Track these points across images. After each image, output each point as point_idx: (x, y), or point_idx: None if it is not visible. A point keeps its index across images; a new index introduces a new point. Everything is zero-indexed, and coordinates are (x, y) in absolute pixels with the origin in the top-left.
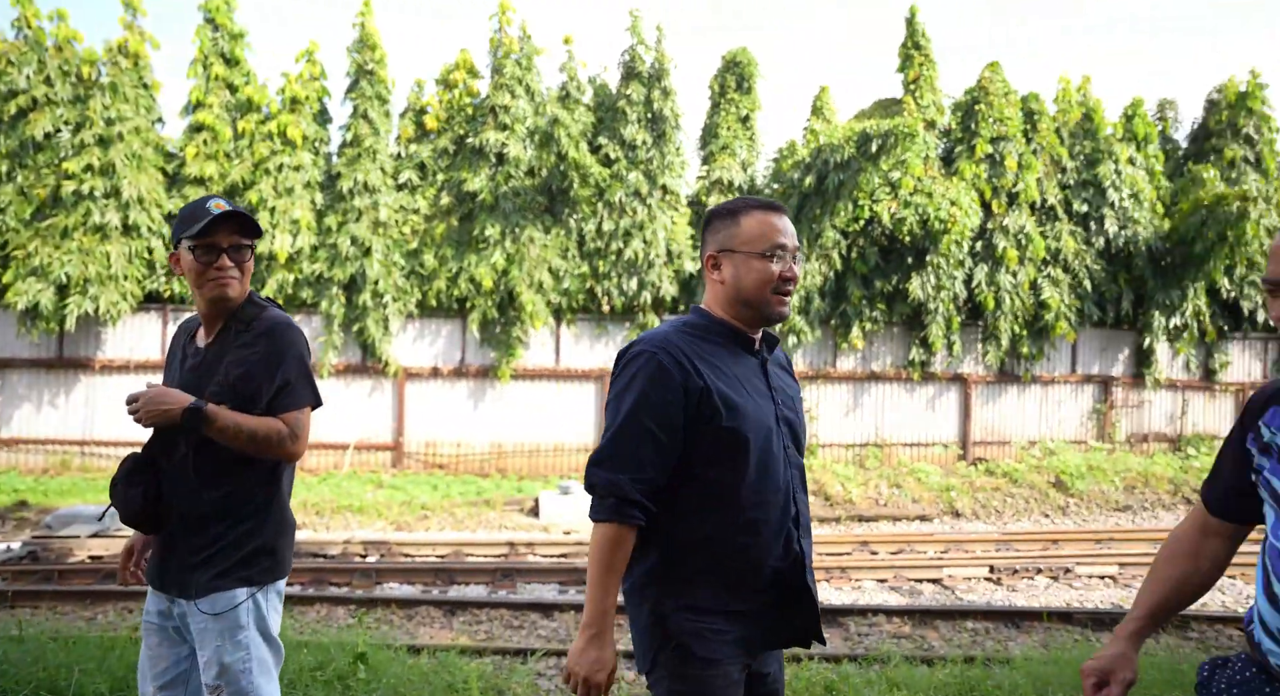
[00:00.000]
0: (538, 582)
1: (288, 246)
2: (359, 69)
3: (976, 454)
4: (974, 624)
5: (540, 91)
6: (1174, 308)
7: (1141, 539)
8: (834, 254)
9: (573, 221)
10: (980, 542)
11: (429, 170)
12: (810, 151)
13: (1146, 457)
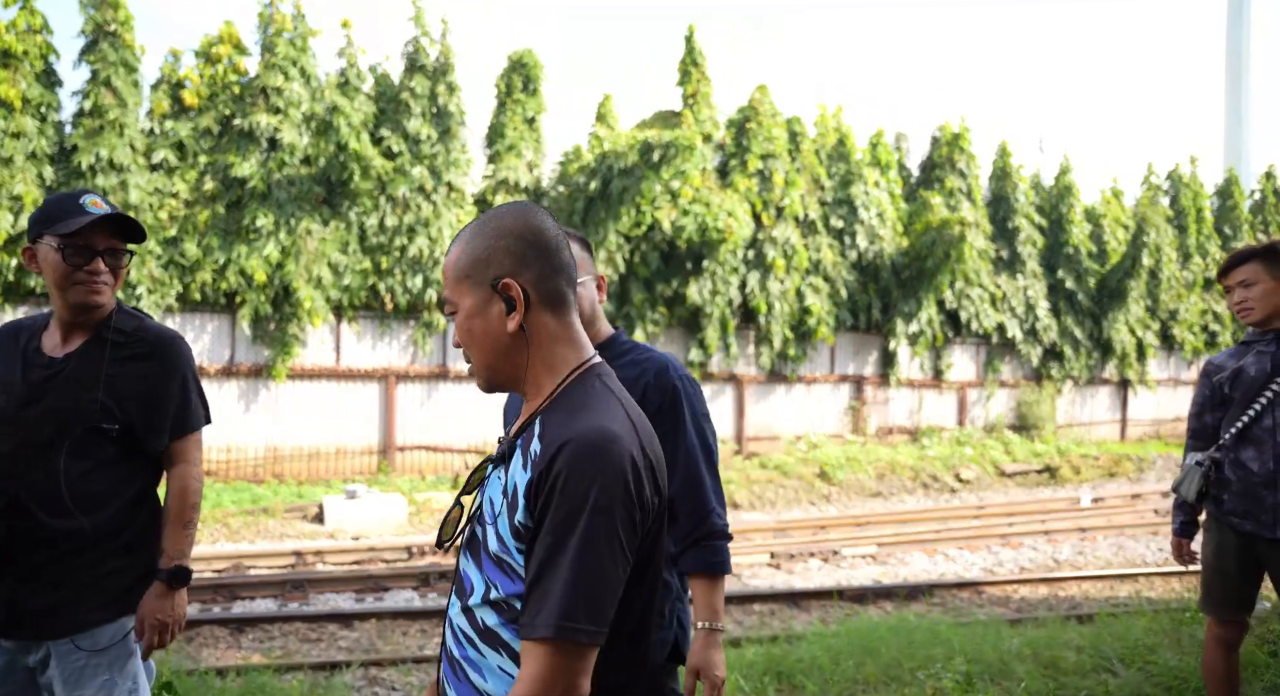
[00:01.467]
0: (331, 592)
1: (8, 226)
2: (97, 28)
3: (750, 449)
4: (760, 606)
5: (317, 76)
6: (912, 315)
7: (893, 521)
8: (618, 257)
9: (353, 215)
10: (760, 531)
11: (189, 151)
12: (595, 157)
13: (892, 448)
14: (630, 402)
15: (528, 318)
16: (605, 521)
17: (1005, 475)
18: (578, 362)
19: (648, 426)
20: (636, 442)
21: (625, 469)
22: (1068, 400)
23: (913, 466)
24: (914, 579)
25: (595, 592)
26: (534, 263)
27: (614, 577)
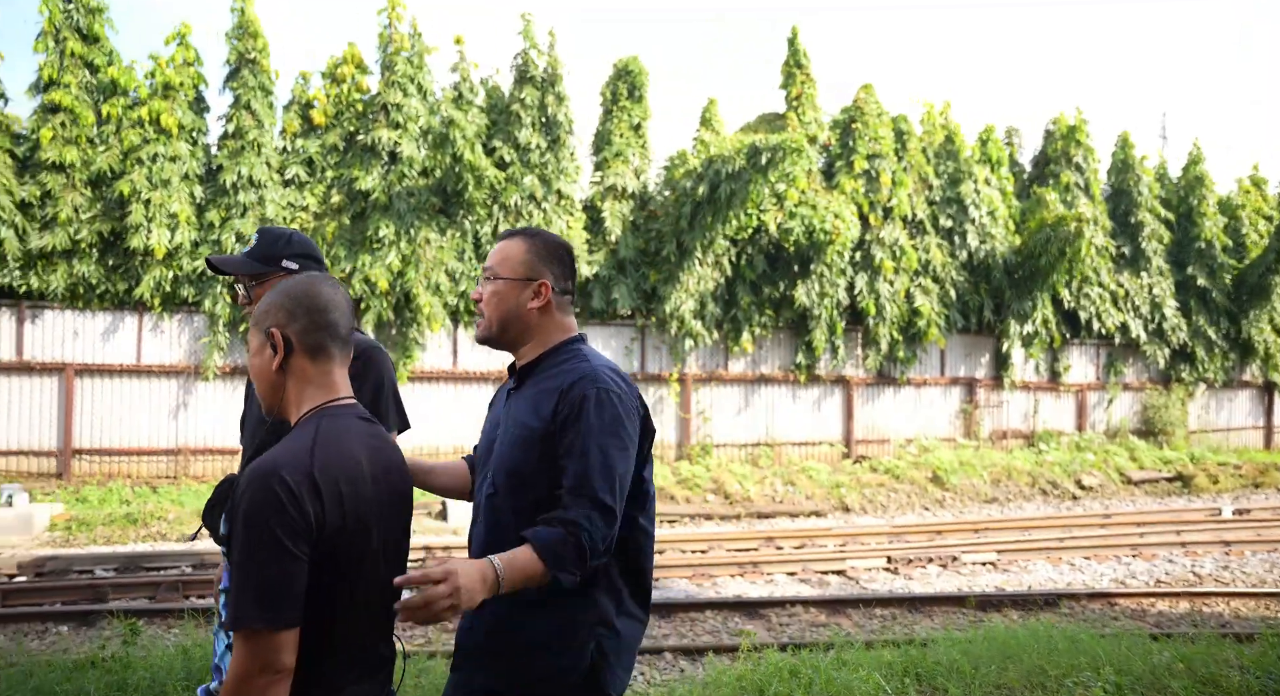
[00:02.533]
0: None
1: (165, 242)
2: (240, 57)
3: (859, 452)
4: (881, 611)
5: (433, 91)
6: (1026, 316)
7: (1013, 527)
8: (724, 261)
9: (468, 223)
10: (874, 536)
11: (317, 166)
12: (701, 161)
13: (1007, 453)
14: (337, 436)
15: (289, 360)
16: (257, 533)
17: (1132, 483)
18: (318, 403)
19: (348, 454)
20: (303, 468)
21: (274, 490)
22: (1201, 404)
23: (1030, 472)
24: (1039, 587)
25: (261, 589)
26: (300, 315)
27: (276, 573)
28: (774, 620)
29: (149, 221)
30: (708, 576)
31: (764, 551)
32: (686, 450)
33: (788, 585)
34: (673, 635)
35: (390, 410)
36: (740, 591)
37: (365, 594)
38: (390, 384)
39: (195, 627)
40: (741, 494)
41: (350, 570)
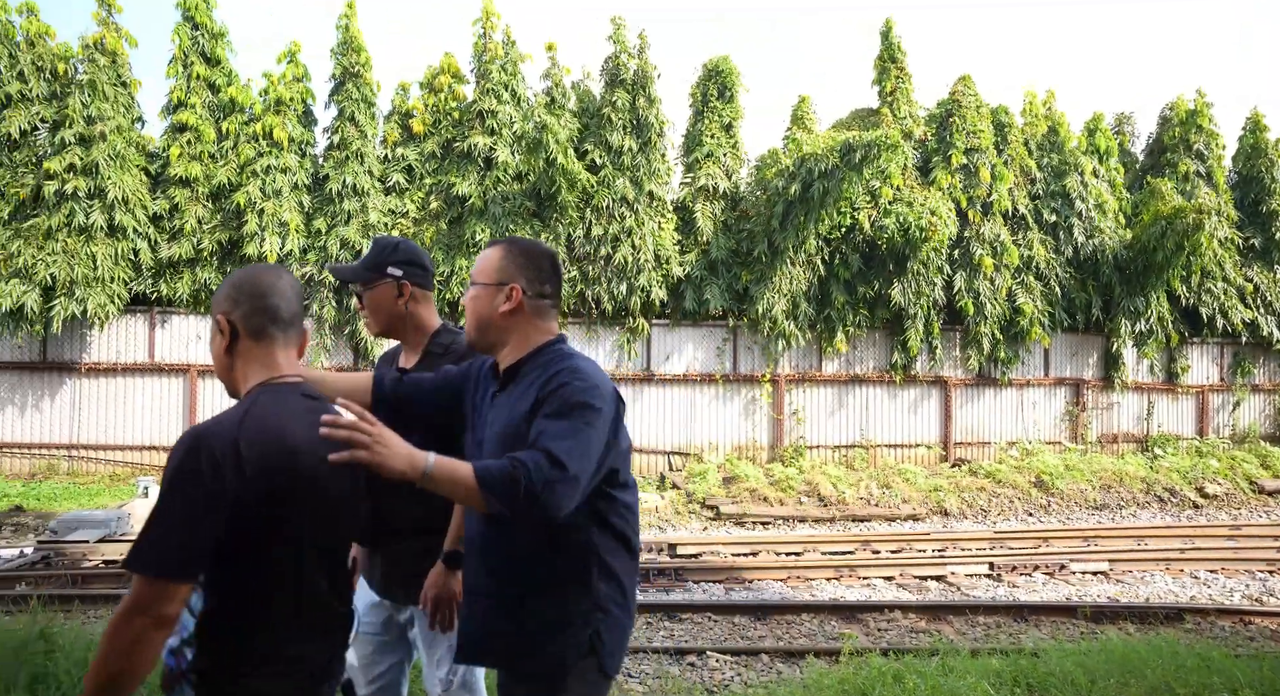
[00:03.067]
0: None
1: (276, 249)
2: (344, 71)
3: (958, 455)
4: (984, 618)
5: (526, 97)
6: (1139, 314)
7: (1126, 536)
8: (817, 260)
9: (561, 226)
10: (975, 541)
11: (416, 173)
12: (793, 160)
13: (1118, 457)
14: (271, 408)
15: (234, 343)
16: (173, 493)
17: (1265, 492)
18: (260, 380)
19: (276, 425)
20: (230, 439)
21: (194, 458)
22: None
23: (1144, 478)
24: (1158, 600)
25: (164, 543)
26: (243, 302)
27: (181, 528)
28: (872, 625)
29: (262, 230)
30: (803, 579)
31: (860, 555)
32: (779, 452)
33: (885, 590)
34: (768, 637)
35: None
36: (836, 595)
37: (312, 556)
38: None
39: None
40: (836, 496)
41: (291, 533)
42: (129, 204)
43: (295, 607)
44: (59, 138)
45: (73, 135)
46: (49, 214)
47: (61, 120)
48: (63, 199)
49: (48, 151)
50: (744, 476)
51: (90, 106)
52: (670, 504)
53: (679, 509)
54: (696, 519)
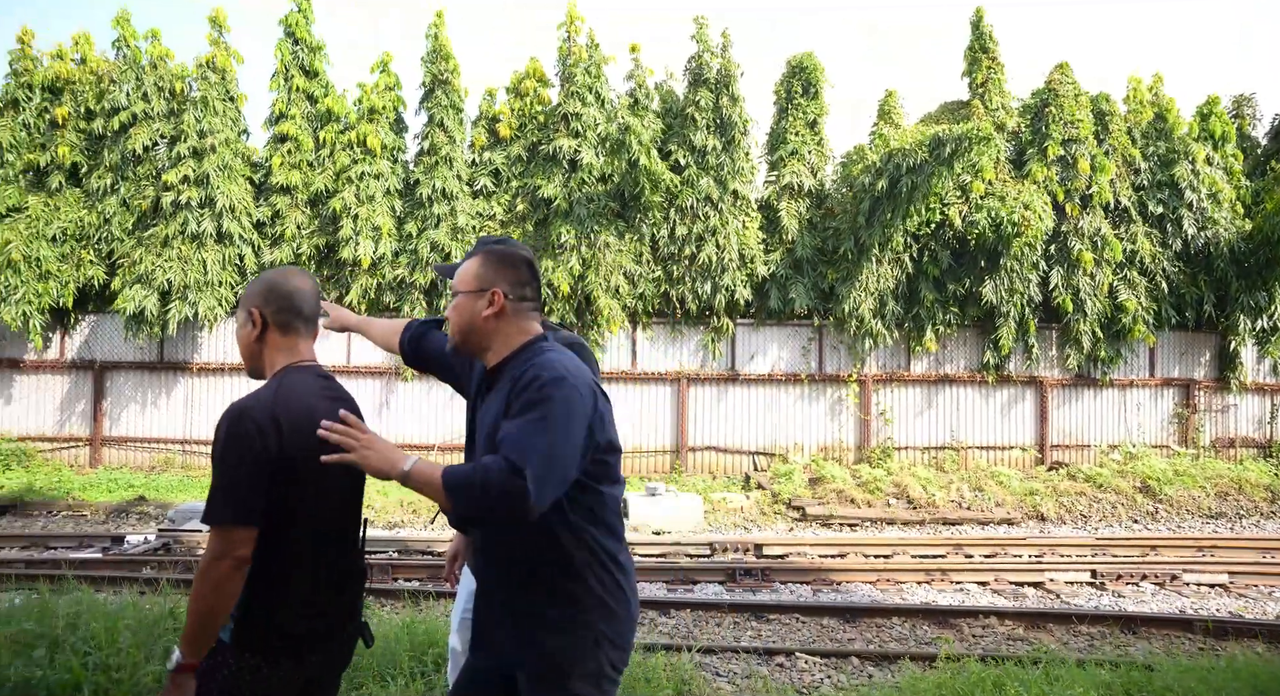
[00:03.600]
0: (644, 581)
1: (370, 252)
2: (433, 79)
3: (1054, 458)
4: (1088, 628)
5: (610, 99)
6: (1260, 310)
7: (1248, 547)
8: (905, 257)
9: (645, 227)
10: (1075, 547)
11: (503, 177)
12: (880, 156)
13: (1235, 463)
14: (296, 387)
15: (264, 334)
16: (231, 457)
17: None
18: (283, 364)
19: (302, 401)
20: (269, 411)
21: (244, 426)
22: None
23: (1268, 486)
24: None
25: (231, 497)
26: (273, 299)
27: (243, 484)
28: (966, 630)
29: (356, 234)
30: (892, 582)
31: (952, 559)
32: (866, 453)
33: (980, 595)
34: (858, 640)
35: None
36: (928, 599)
37: (327, 511)
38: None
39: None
40: (925, 499)
41: (311, 490)
42: (235, 212)
43: (317, 557)
44: (175, 152)
45: (187, 149)
46: (166, 223)
47: (177, 135)
48: (177, 208)
49: (165, 165)
50: (830, 477)
51: (202, 121)
52: (755, 504)
53: (764, 509)
54: (782, 519)
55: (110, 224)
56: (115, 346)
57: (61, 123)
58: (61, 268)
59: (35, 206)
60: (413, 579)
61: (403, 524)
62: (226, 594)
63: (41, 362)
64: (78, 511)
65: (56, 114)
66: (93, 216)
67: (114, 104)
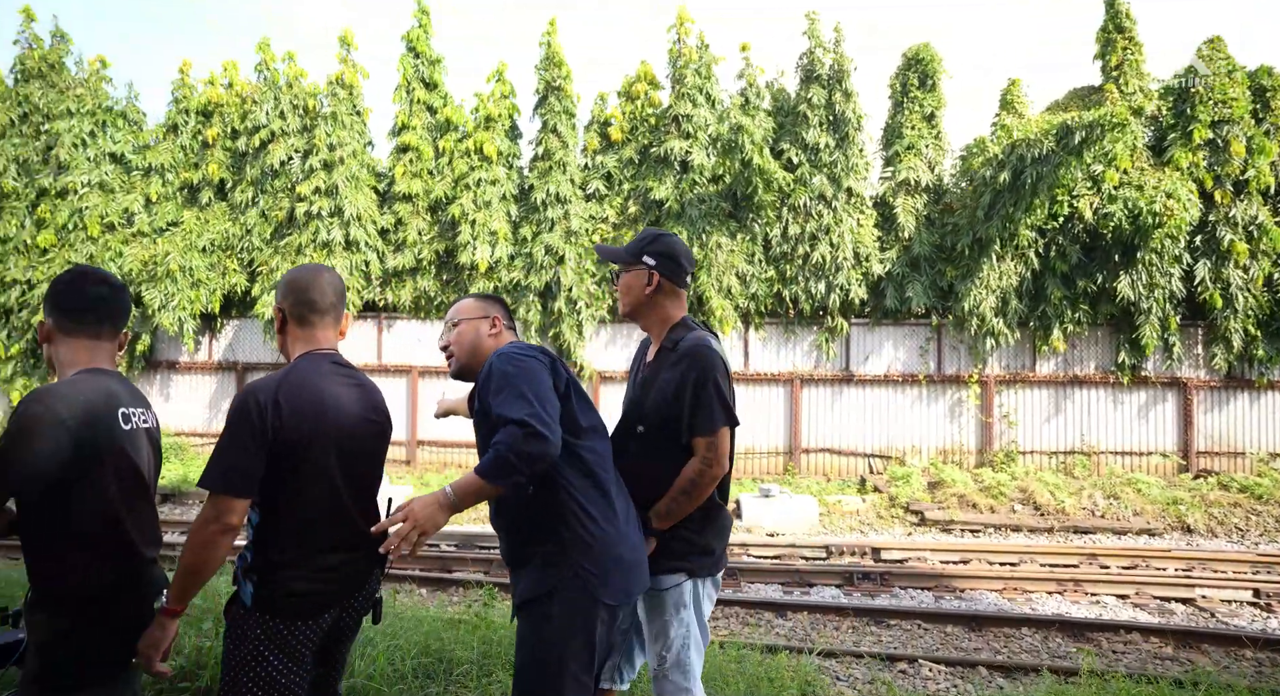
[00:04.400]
0: (760, 583)
1: (487, 257)
2: (547, 85)
3: (1201, 465)
4: (1252, 653)
5: (721, 99)
6: None
7: None
8: (1030, 253)
9: (758, 226)
10: (1231, 563)
11: (615, 180)
12: (1003, 147)
13: None
14: (305, 373)
15: (286, 326)
16: (231, 430)
17: None
18: (301, 352)
19: (307, 385)
20: (272, 393)
21: (246, 405)
22: None
23: None
24: None
25: (226, 468)
26: (290, 295)
27: (238, 458)
28: (1105, 645)
29: (474, 239)
30: (1020, 591)
31: (1085, 569)
32: (988, 456)
33: (1119, 609)
34: (985, 649)
35: (710, 404)
36: (1061, 610)
37: (330, 485)
38: (713, 382)
39: None
40: (1054, 505)
41: (312, 467)
42: (361, 220)
43: (326, 526)
44: (307, 165)
45: (318, 162)
46: (299, 232)
47: (310, 149)
48: (309, 218)
49: (299, 177)
50: (950, 481)
51: (332, 135)
52: (871, 507)
53: (880, 512)
54: (899, 523)
55: (251, 234)
56: (255, 348)
57: (211, 143)
58: (210, 276)
59: (189, 220)
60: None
61: None
62: (213, 555)
63: (193, 364)
64: None
65: (207, 135)
66: (236, 228)
67: (255, 123)
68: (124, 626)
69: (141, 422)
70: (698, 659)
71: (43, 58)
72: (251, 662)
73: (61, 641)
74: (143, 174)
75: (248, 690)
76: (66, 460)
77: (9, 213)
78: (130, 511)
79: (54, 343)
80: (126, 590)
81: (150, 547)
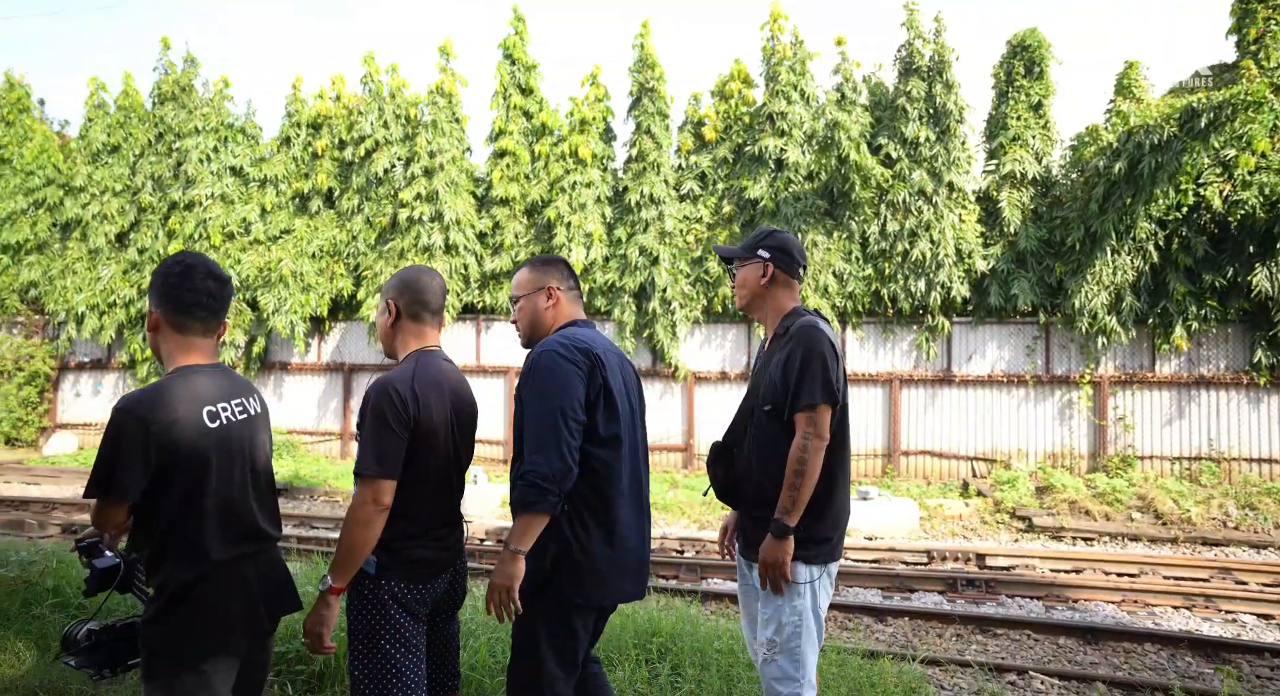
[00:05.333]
0: (859, 586)
1: (582, 258)
2: (640, 87)
3: None
4: None
5: (816, 95)
6: None
7: None
8: (1149, 246)
9: (855, 224)
10: None
11: (709, 179)
12: (1118, 135)
13: None
14: (428, 368)
15: (398, 321)
16: (378, 419)
17: None
18: (414, 348)
19: (433, 380)
20: (407, 383)
21: (387, 392)
22: None
23: None
24: None
25: (378, 452)
26: (405, 294)
27: (388, 444)
28: (1246, 668)
29: (569, 241)
30: (1142, 604)
31: (1218, 584)
32: (1102, 461)
33: (1262, 630)
34: (1103, 664)
35: (812, 379)
36: (1189, 627)
37: (442, 463)
38: (818, 357)
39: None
40: (1178, 514)
41: (428, 450)
42: (460, 224)
43: (441, 501)
44: (409, 172)
45: (419, 168)
46: (401, 237)
47: (411, 157)
48: (411, 223)
49: (401, 184)
50: (1060, 486)
51: (432, 143)
52: (975, 512)
53: (984, 518)
54: (1005, 530)
55: (357, 240)
56: (360, 350)
57: (320, 153)
58: (319, 281)
59: (300, 228)
60: None
61: None
62: (371, 534)
63: (303, 365)
64: (332, 497)
65: (317, 146)
66: (343, 234)
67: (360, 133)
68: (190, 625)
69: (239, 414)
70: (810, 650)
71: (175, 81)
72: (384, 624)
73: (147, 628)
74: (259, 185)
75: (385, 650)
76: (151, 465)
77: (146, 225)
78: (215, 510)
79: (160, 333)
80: (202, 589)
81: (236, 545)
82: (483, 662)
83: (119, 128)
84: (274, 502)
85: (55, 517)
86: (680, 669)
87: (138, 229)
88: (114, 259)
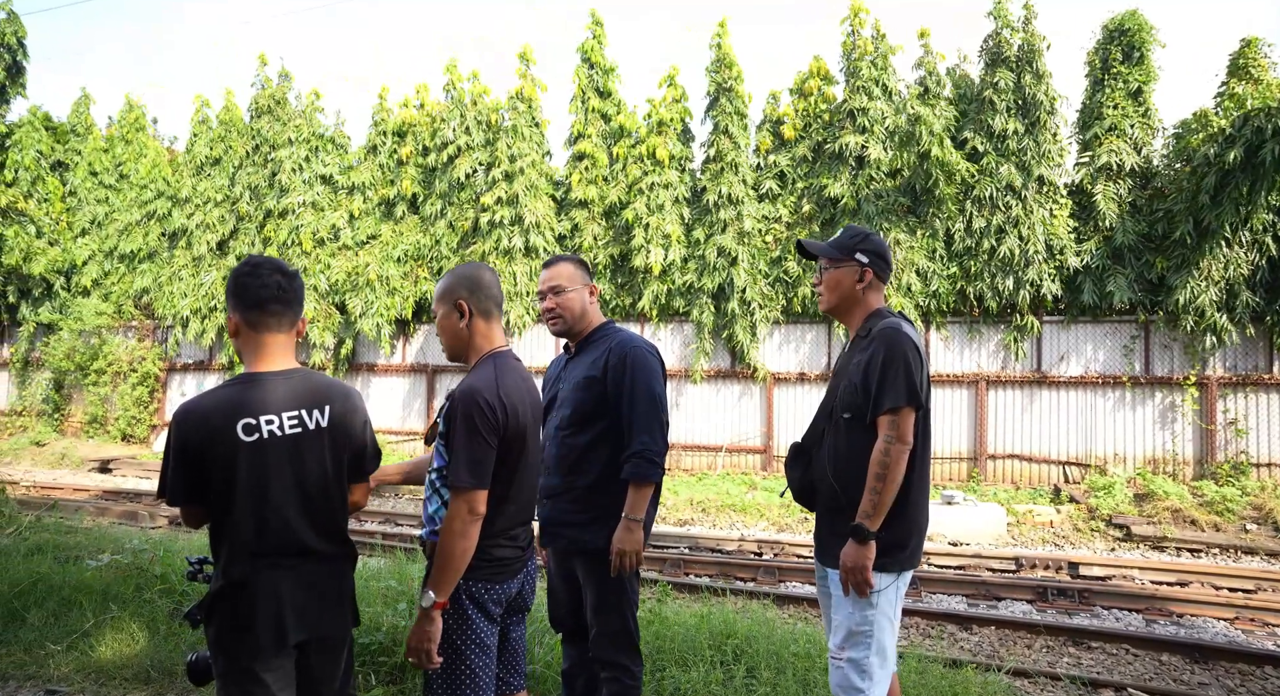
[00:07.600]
0: (943, 593)
1: (660, 260)
2: (718, 87)
3: None
4: None
5: (898, 90)
6: None
7: None
8: (1267, 239)
9: (938, 221)
10: None
11: (788, 178)
12: (1232, 120)
13: None
14: (507, 371)
15: (469, 321)
16: (468, 429)
17: None
18: (487, 350)
19: (515, 383)
20: (494, 390)
21: (477, 401)
22: None
23: None
24: None
25: (470, 463)
26: (476, 292)
27: (480, 453)
28: None
29: (648, 243)
30: (1258, 622)
31: None
32: (1210, 468)
33: None
34: (1214, 685)
35: (895, 381)
36: None
37: (527, 471)
38: (901, 359)
39: (700, 600)
40: None
41: (519, 455)
42: (540, 227)
43: (522, 502)
44: (490, 176)
45: (500, 173)
46: (483, 240)
47: (492, 162)
48: (492, 227)
49: (483, 189)
50: (1162, 493)
51: (513, 147)
52: (1067, 519)
53: (1078, 525)
54: (1100, 538)
55: (440, 244)
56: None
57: (405, 160)
58: (403, 284)
59: (386, 233)
60: (702, 575)
61: (692, 521)
62: (469, 543)
63: (389, 366)
64: (416, 495)
65: (402, 153)
66: (426, 238)
67: (443, 139)
68: (224, 629)
69: (291, 427)
70: (878, 661)
71: (270, 95)
72: (460, 624)
73: (206, 629)
74: (347, 192)
75: (459, 649)
76: (192, 471)
77: (243, 233)
78: (245, 522)
79: (240, 337)
80: (233, 596)
81: (267, 557)
82: (558, 659)
83: (220, 141)
84: (331, 514)
85: (164, 509)
86: (755, 671)
87: (236, 237)
88: (215, 265)
